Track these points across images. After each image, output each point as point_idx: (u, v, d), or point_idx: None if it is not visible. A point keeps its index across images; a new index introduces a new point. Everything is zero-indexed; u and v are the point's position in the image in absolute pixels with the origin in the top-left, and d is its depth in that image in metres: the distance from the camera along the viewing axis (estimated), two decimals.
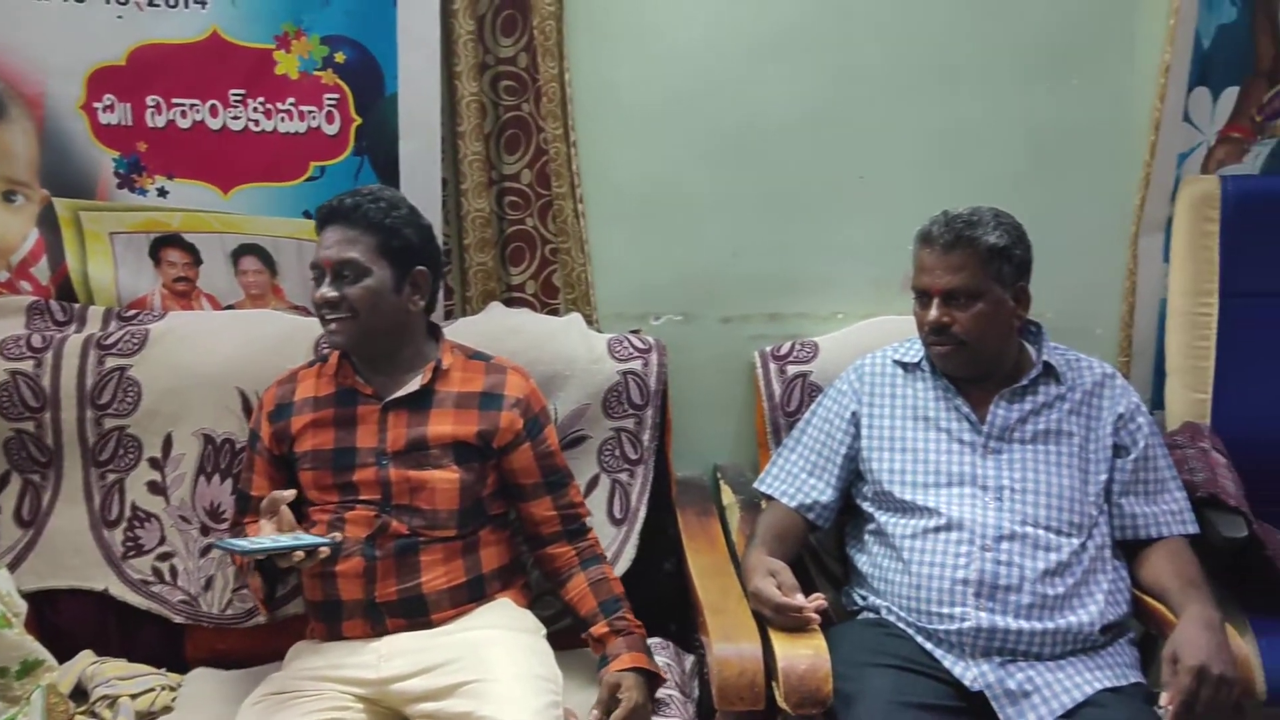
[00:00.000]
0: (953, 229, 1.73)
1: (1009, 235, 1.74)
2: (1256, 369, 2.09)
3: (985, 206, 1.78)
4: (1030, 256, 1.78)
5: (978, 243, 1.71)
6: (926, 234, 1.76)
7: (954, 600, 1.67)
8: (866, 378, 1.88)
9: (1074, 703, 1.59)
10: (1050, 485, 1.72)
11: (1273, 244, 2.07)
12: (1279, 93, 2.09)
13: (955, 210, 1.76)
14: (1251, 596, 1.87)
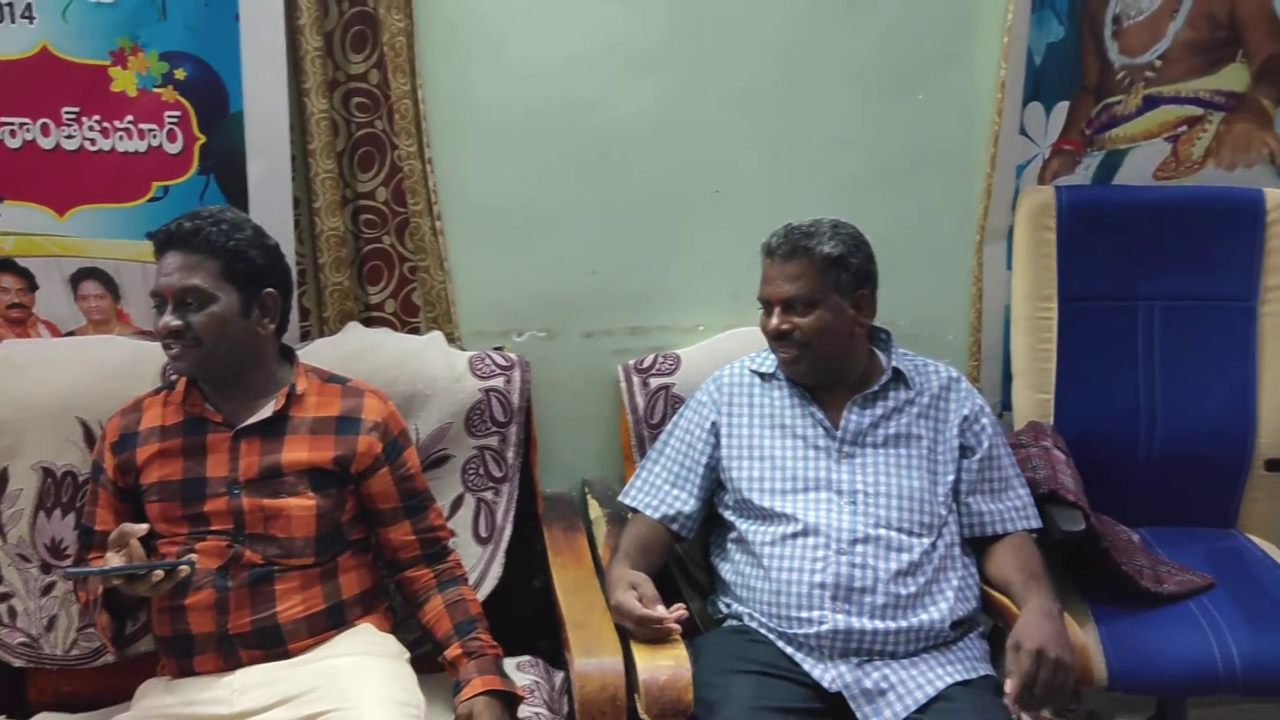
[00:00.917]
0: (790, 240, 1.79)
1: (845, 245, 1.80)
2: (1093, 370, 2.19)
3: (827, 218, 1.84)
4: (870, 265, 1.84)
5: (814, 252, 1.78)
6: (768, 246, 1.83)
7: (812, 604, 1.71)
8: (725, 388, 1.91)
9: (927, 698, 1.64)
10: (901, 488, 1.78)
11: (1104, 250, 2.18)
12: (1105, 107, 2.20)
13: (797, 222, 1.83)
14: (1092, 587, 1.97)
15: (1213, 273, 2.19)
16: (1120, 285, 2.20)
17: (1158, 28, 2.16)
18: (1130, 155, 2.24)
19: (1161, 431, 2.18)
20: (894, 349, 1.88)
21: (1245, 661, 1.82)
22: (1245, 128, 2.23)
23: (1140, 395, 2.19)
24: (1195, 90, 2.21)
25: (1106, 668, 1.84)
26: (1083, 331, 2.19)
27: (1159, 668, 1.85)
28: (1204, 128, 2.23)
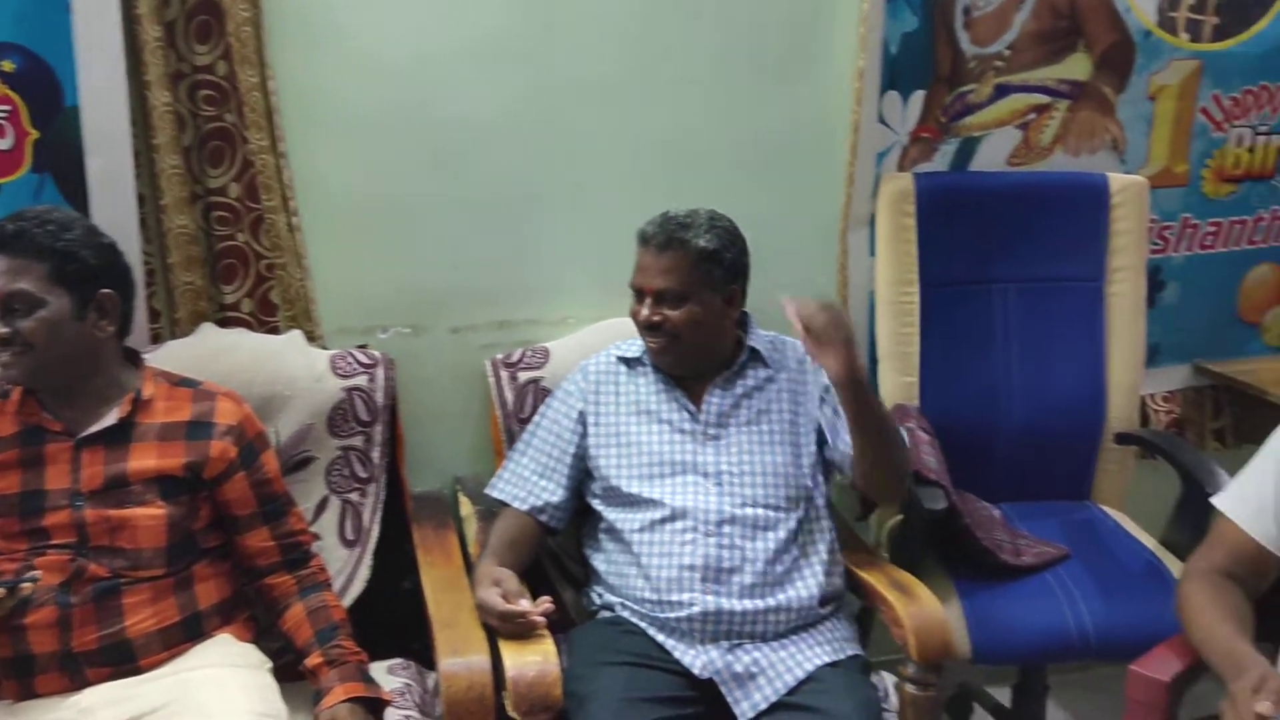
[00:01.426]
0: (666, 230, 1.79)
1: (721, 239, 1.80)
2: (954, 351, 2.25)
3: (705, 210, 1.84)
4: (744, 259, 1.85)
5: (689, 246, 1.78)
6: (643, 234, 1.83)
7: (682, 587, 1.72)
8: (591, 376, 1.91)
9: (796, 680, 1.67)
10: (765, 465, 1.80)
11: (961, 235, 2.24)
12: (959, 96, 2.26)
13: (674, 212, 1.83)
14: (955, 563, 2.02)
15: (1063, 255, 2.27)
16: (977, 268, 2.26)
17: (1005, 18, 2.22)
18: (984, 142, 2.30)
19: (1019, 409, 2.25)
20: (752, 330, 1.90)
21: (1098, 628, 1.89)
22: (1089, 115, 2.32)
23: (999, 375, 2.26)
24: (1042, 79, 2.28)
25: (970, 642, 1.89)
26: (943, 315, 2.25)
27: (1018, 639, 1.91)
28: (1051, 115, 2.30)
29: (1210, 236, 2.48)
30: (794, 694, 1.66)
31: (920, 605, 1.71)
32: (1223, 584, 1.51)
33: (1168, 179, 2.40)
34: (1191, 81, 2.35)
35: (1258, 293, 2.58)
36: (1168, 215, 2.43)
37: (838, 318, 1.67)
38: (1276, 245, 2.55)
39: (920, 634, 1.67)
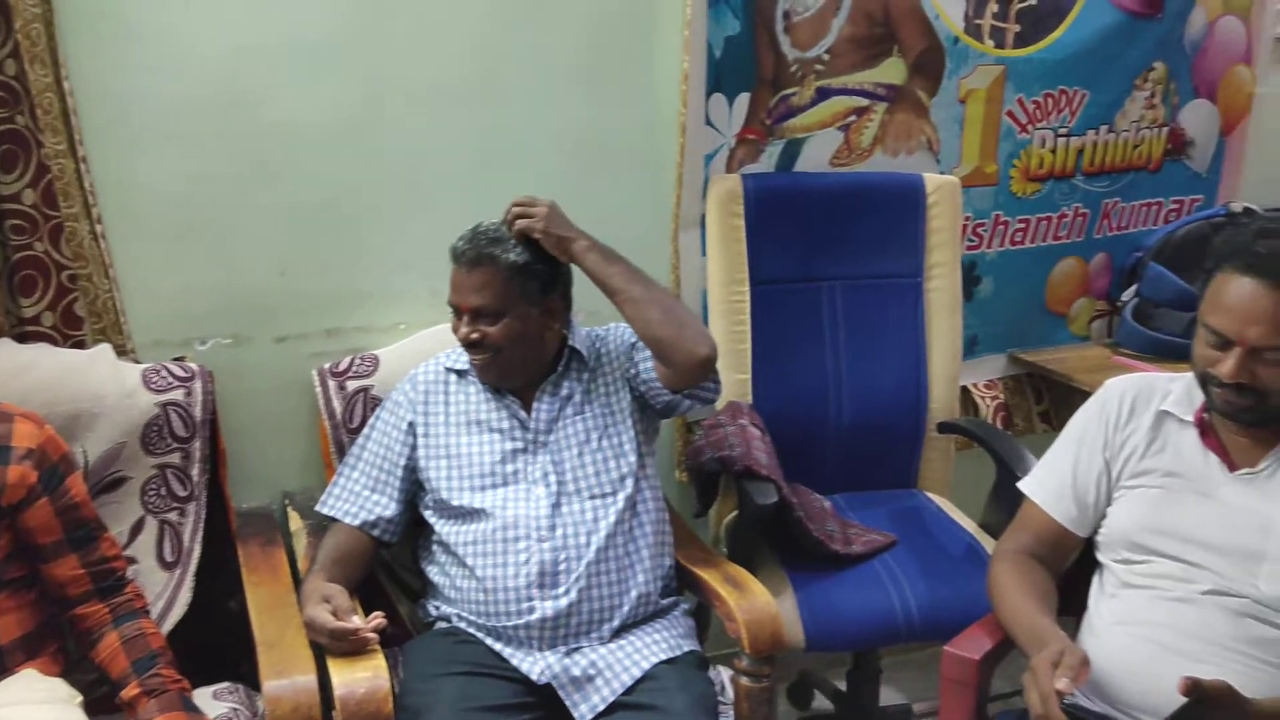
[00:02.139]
0: (476, 246, 1.77)
1: (532, 252, 1.78)
2: (784, 349, 2.30)
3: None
4: (559, 268, 1.83)
5: (499, 261, 1.75)
6: (455, 251, 1.80)
7: (520, 596, 1.71)
8: (421, 386, 1.88)
9: (633, 679, 1.68)
10: (594, 460, 1.81)
11: (789, 235, 2.30)
12: (783, 98, 2.31)
13: (485, 225, 1.80)
14: (790, 556, 2.07)
15: (884, 252, 2.35)
16: (805, 267, 2.33)
17: (823, 23, 2.29)
18: (808, 144, 2.36)
19: (848, 403, 2.33)
20: (575, 330, 1.90)
21: (921, 611, 1.97)
22: (905, 117, 2.41)
23: (827, 370, 2.33)
24: (860, 82, 2.35)
25: (804, 632, 1.94)
26: (773, 313, 2.30)
27: (848, 627, 1.97)
28: (870, 117, 2.39)
29: (1020, 233, 2.62)
30: (631, 693, 1.67)
31: (751, 599, 1.75)
32: (1028, 564, 1.60)
33: (979, 179, 2.52)
34: (997, 86, 2.47)
35: (1064, 285, 2.73)
36: (980, 213, 2.55)
37: (530, 201, 1.78)
38: (1079, 240, 2.70)
39: (752, 627, 1.70)
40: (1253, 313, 1.39)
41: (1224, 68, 2.74)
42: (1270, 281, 1.38)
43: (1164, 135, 2.71)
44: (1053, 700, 1.29)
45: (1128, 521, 1.53)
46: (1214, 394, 1.46)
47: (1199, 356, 1.47)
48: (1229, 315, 1.41)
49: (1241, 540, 1.42)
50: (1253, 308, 1.39)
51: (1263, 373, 1.40)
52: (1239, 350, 1.40)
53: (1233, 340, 1.40)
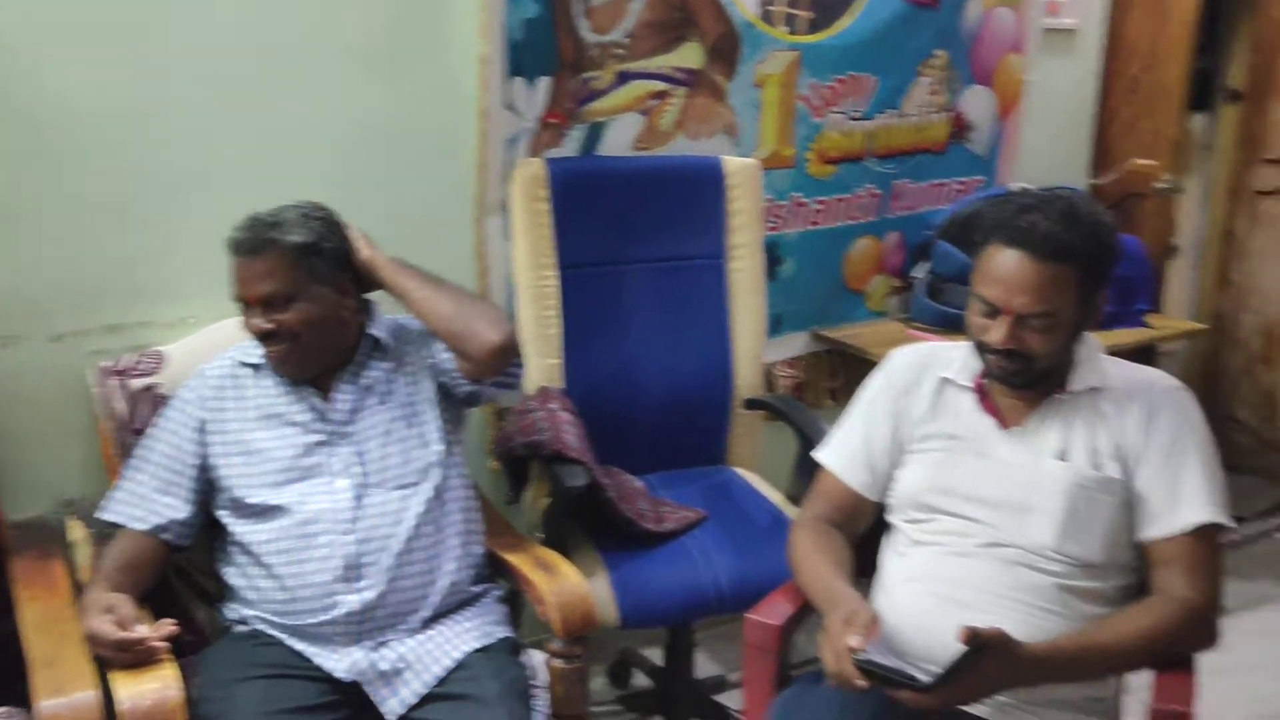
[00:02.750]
0: (255, 233, 1.71)
1: (315, 230, 1.73)
2: (594, 332, 2.31)
3: (294, 203, 1.77)
4: (346, 246, 1.79)
5: (281, 244, 1.70)
6: (233, 242, 1.72)
7: (323, 592, 1.66)
8: (212, 382, 1.79)
9: (445, 670, 1.66)
10: (399, 450, 1.77)
11: (594, 218, 2.30)
12: (584, 82, 2.32)
13: (261, 213, 1.74)
14: (604, 537, 2.09)
15: (688, 234, 2.39)
16: (612, 250, 2.34)
17: (621, 7, 2.30)
18: (610, 127, 2.38)
19: (657, 384, 2.36)
20: (376, 316, 1.85)
21: (731, 583, 2.02)
22: (705, 101, 2.46)
23: (636, 352, 2.35)
24: (660, 66, 2.39)
25: (618, 611, 1.96)
26: (582, 296, 2.30)
27: (661, 603, 2.00)
28: (670, 101, 2.42)
29: (818, 214, 2.71)
30: (443, 684, 1.65)
31: (562, 581, 1.75)
32: (825, 530, 1.66)
33: (777, 161, 2.60)
34: (791, 71, 2.55)
35: (860, 264, 2.85)
36: (780, 195, 2.63)
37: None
38: (873, 220, 2.82)
39: (563, 609, 1.70)
40: (1018, 283, 1.48)
41: (998, 56, 2.91)
42: (1033, 254, 1.47)
43: (947, 119, 2.87)
44: (845, 657, 1.35)
45: (914, 483, 1.61)
46: (988, 360, 1.55)
47: (973, 325, 1.56)
48: (997, 286, 1.50)
49: (1013, 494, 1.52)
50: (1018, 278, 1.48)
51: (1029, 339, 1.50)
52: (1007, 318, 1.49)
53: (1001, 309, 1.49)
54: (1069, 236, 1.46)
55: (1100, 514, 1.48)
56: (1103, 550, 1.48)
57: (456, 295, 1.80)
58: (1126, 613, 1.45)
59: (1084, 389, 1.56)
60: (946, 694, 1.33)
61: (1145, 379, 1.57)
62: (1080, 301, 1.50)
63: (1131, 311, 2.90)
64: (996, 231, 1.51)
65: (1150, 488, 1.49)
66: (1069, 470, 1.50)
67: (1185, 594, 1.44)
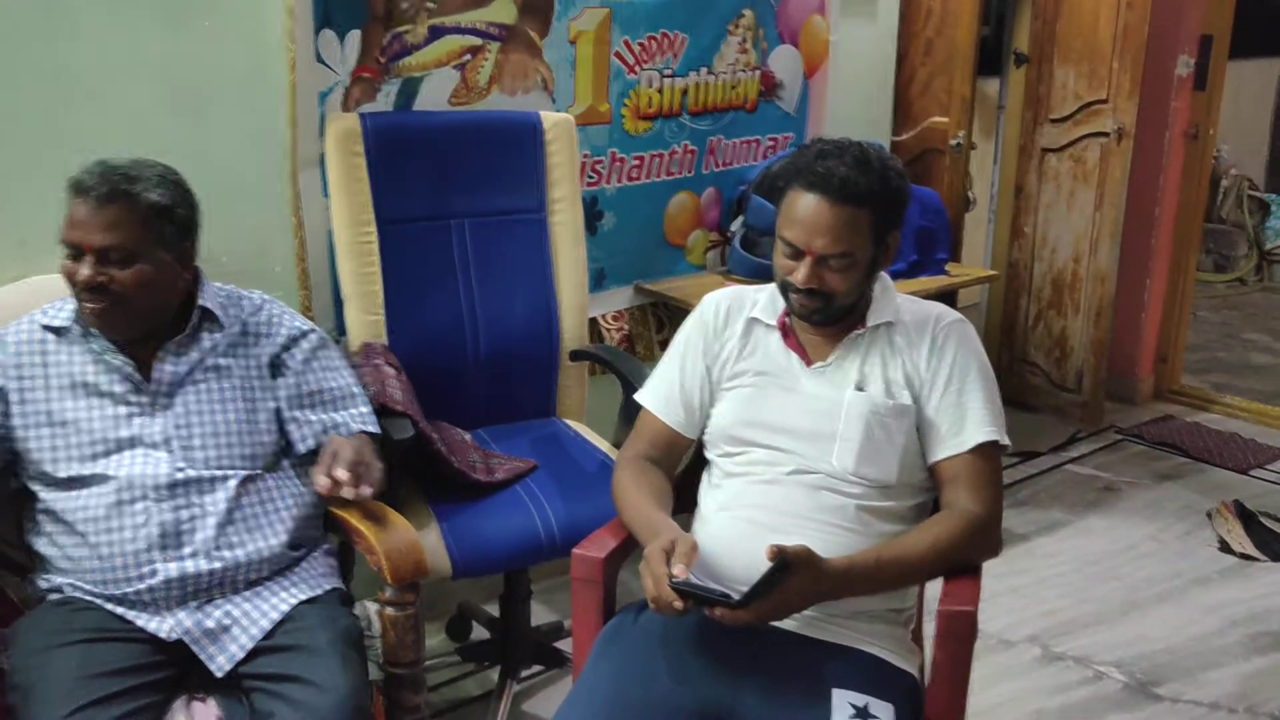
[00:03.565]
0: (110, 182, 1.62)
1: (172, 194, 1.67)
2: (417, 287, 2.31)
3: (152, 161, 1.70)
4: (196, 216, 1.74)
5: (138, 200, 1.63)
6: (79, 184, 1.62)
7: (140, 561, 1.62)
8: (11, 349, 1.71)
9: (272, 624, 1.65)
10: (217, 425, 1.74)
11: (413, 174, 2.29)
12: (396, 36, 2.30)
13: (115, 161, 1.65)
14: (434, 489, 2.10)
15: (509, 189, 2.41)
16: (432, 205, 2.34)
17: None
18: (425, 82, 2.37)
19: (484, 338, 2.38)
20: (205, 286, 1.79)
21: (561, 528, 2.07)
22: (520, 57, 2.47)
23: (461, 307, 2.36)
24: (472, 21, 2.39)
25: (449, 560, 1.99)
26: (403, 252, 2.29)
27: (493, 550, 2.04)
28: (485, 57, 2.43)
29: (635, 169, 2.78)
30: (271, 637, 1.64)
31: (391, 530, 1.75)
32: (645, 467, 1.73)
33: (594, 117, 2.64)
34: (604, 28, 2.59)
35: (679, 218, 2.93)
36: (598, 150, 2.68)
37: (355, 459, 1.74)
38: (690, 176, 2.91)
39: (392, 556, 1.71)
40: (818, 225, 1.57)
41: (803, 16, 3.03)
42: (830, 197, 1.57)
43: (757, 78, 2.97)
44: (663, 581, 1.42)
45: (726, 418, 1.70)
46: (792, 299, 1.64)
47: (778, 266, 1.64)
48: (798, 228, 1.59)
49: (817, 424, 1.62)
50: (818, 221, 1.57)
51: (829, 278, 1.59)
52: (809, 259, 1.58)
53: (804, 250, 1.59)
54: (863, 181, 1.56)
55: (894, 439, 1.60)
56: (897, 472, 1.60)
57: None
58: (919, 528, 1.58)
59: (879, 324, 1.67)
60: (758, 609, 1.41)
61: (932, 313, 1.69)
62: (874, 243, 1.60)
63: (933, 260, 3.09)
64: (797, 176, 1.60)
65: (937, 412, 1.62)
66: (865, 399, 1.61)
67: (970, 507, 1.57)
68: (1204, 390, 4.29)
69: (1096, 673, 2.49)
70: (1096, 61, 3.67)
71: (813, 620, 1.51)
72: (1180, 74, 3.99)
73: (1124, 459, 3.68)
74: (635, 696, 1.46)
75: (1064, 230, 3.89)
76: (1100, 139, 3.72)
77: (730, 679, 1.48)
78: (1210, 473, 3.56)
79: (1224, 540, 3.08)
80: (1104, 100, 3.68)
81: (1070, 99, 3.78)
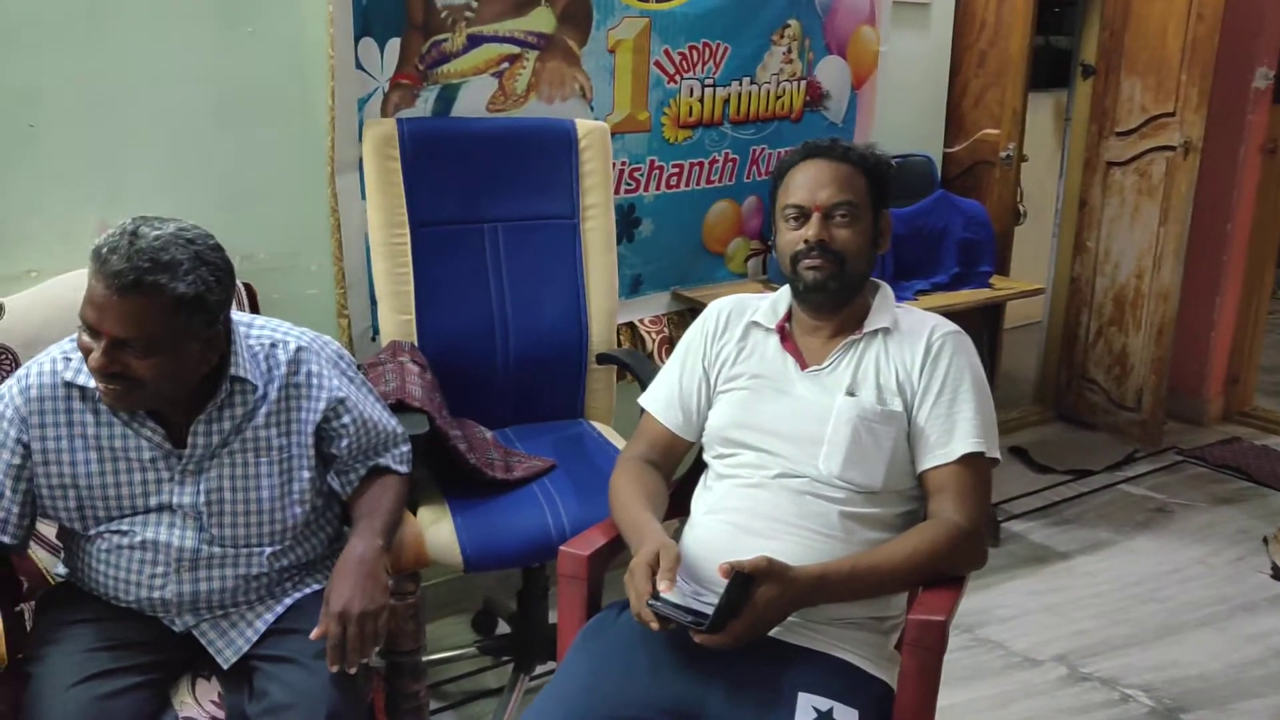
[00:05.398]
0: (136, 269, 1.43)
1: (204, 280, 1.49)
2: (448, 289, 2.38)
3: (183, 234, 1.49)
4: (230, 294, 1.56)
5: (164, 292, 1.45)
6: (103, 262, 1.44)
7: (150, 606, 1.65)
8: (34, 400, 1.59)
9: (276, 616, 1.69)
10: (250, 505, 1.66)
11: (447, 177, 2.36)
12: (435, 44, 2.37)
13: (144, 237, 1.45)
14: (452, 484, 2.16)
15: (542, 195, 2.46)
16: (466, 209, 2.40)
17: None
18: (463, 89, 2.44)
19: (513, 340, 2.44)
20: (238, 347, 1.63)
21: (573, 527, 2.09)
22: (557, 65, 2.53)
23: (493, 309, 2.42)
24: (511, 30, 2.45)
25: (462, 555, 2.04)
26: (435, 254, 2.36)
27: (505, 546, 2.08)
28: (523, 65, 2.49)
29: (674, 177, 2.80)
30: (279, 621, 1.70)
31: None
32: (643, 468, 1.75)
33: (633, 125, 2.68)
34: (644, 37, 2.63)
35: (719, 226, 2.95)
36: (636, 158, 2.72)
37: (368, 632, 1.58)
38: (731, 184, 2.93)
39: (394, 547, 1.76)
40: (820, 180, 1.66)
41: (852, 27, 3.03)
42: (828, 157, 1.67)
43: (802, 88, 2.97)
44: (644, 599, 1.44)
45: (721, 420, 1.71)
46: (803, 272, 1.66)
47: (783, 245, 1.69)
48: (802, 190, 1.67)
49: (807, 428, 1.63)
50: (819, 177, 1.66)
51: (838, 234, 1.64)
52: (816, 215, 1.64)
53: (809, 209, 1.64)
54: (854, 149, 1.69)
55: (882, 444, 1.60)
56: (883, 478, 1.59)
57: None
58: (899, 537, 1.57)
59: (876, 329, 1.67)
60: (734, 630, 1.41)
61: (929, 323, 1.69)
62: (872, 209, 1.68)
63: (976, 273, 3.06)
64: (791, 158, 1.70)
65: (928, 421, 1.61)
66: (855, 404, 1.61)
67: (953, 518, 1.56)
68: (1276, 412, 4.13)
69: (1123, 695, 2.43)
70: (1164, 74, 3.58)
71: (789, 624, 1.51)
72: (1258, 86, 3.86)
73: (1182, 480, 3.57)
74: (608, 691, 1.49)
75: (1127, 245, 3.80)
76: (1166, 153, 3.62)
77: (701, 678, 1.49)
78: (1273, 497, 3.44)
79: (1277, 566, 2.98)
80: (1171, 114, 3.58)
81: (1136, 112, 3.69)
